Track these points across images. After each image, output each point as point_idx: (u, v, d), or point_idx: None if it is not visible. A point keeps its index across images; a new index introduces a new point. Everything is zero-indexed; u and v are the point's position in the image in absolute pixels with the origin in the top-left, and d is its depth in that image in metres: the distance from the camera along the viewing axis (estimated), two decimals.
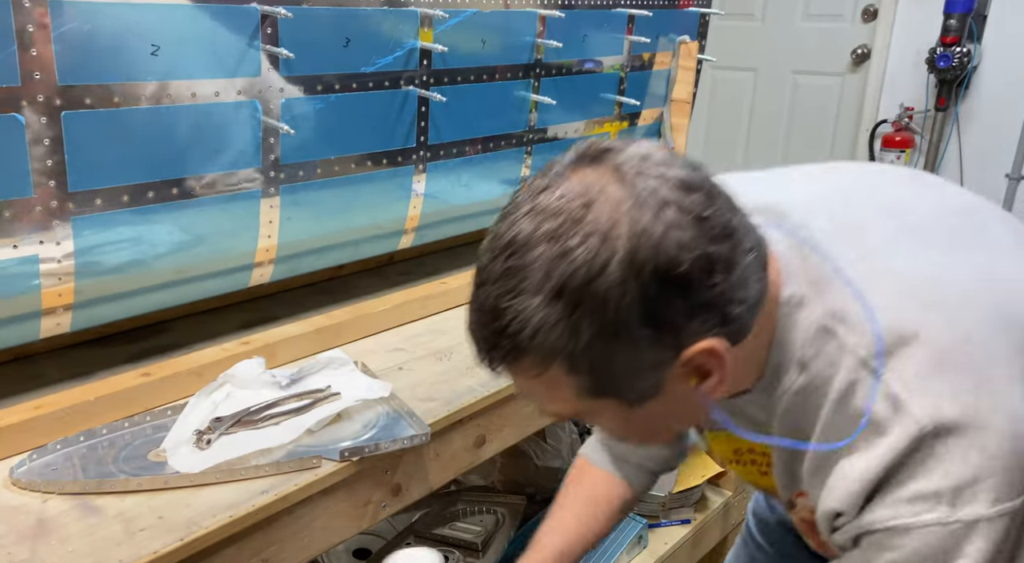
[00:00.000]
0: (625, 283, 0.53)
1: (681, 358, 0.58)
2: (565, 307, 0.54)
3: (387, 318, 1.34)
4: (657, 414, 0.64)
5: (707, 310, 0.56)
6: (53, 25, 0.89)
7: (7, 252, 0.93)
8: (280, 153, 1.15)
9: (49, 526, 0.84)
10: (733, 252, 0.56)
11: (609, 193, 0.55)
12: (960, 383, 0.59)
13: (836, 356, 0.62)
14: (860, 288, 0.63)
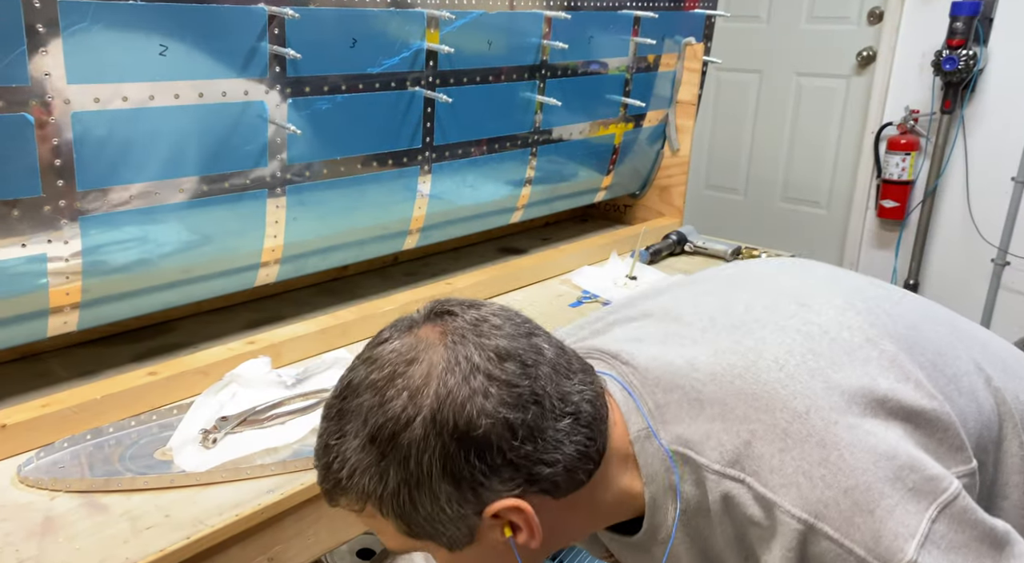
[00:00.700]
0: (427, 439, 0.58)
1: (485, 513, 0.61)
2: (376, 454, 0.59)
3: (392, 318, 1.34)
4: (481, 557, 0.66)
5: (509, 470, 0.60)
6: (63, 25, 0.90)
7: (15, 251, 0.93)
8: (286, 153, 1.16)
9: (56, 523, 0.84)
10: (540, 419, 0.60)
11: (430, 354, 0.60)
12: (811, 457, 0.61)
13: (698, 475, 0.65)
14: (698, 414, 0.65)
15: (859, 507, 0.59)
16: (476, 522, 0.62)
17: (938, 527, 0.59)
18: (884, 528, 0.58)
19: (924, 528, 0.58)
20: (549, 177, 1.64)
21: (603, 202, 1.98)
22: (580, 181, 1.75)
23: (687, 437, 0.65)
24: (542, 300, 1.51)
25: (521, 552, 0.65)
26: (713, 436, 0.64)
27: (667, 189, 1.94)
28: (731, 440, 0.63)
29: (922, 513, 0.59)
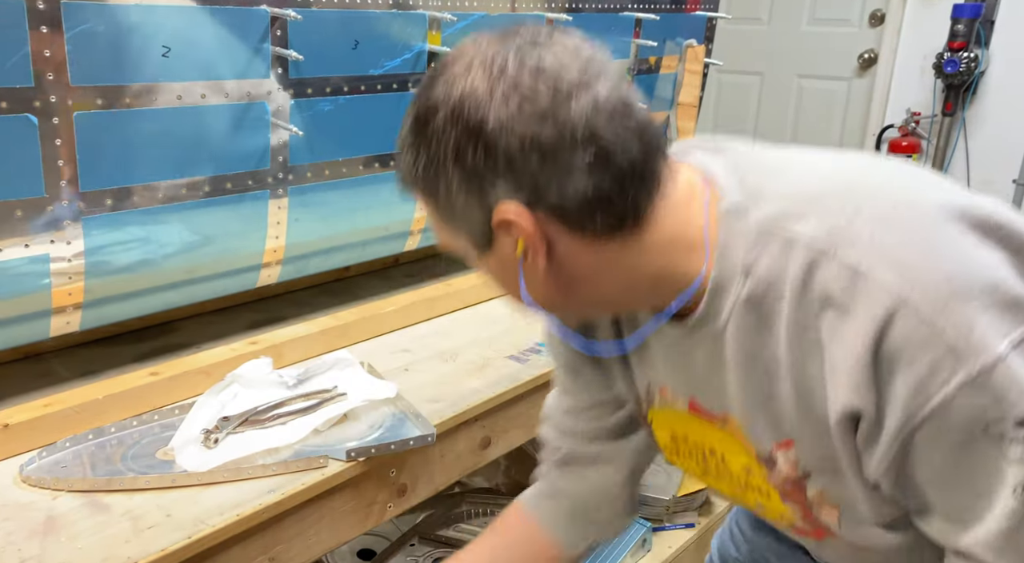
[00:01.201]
0: (445, 128, 0.61)
1: (494, 215, 0.63)
2: (414, 134, 0.64)
3: (393, 319, 1.35)
4: (501, 271, 0.68)
5: (513, 177, 0.62)
6: (66, 27, 0.90)
7: (18, 251, 0.94)
8: (288, 154, 1.16)
9: (58, 523, 0.84)
10: (555, 141, 0.61)
11: (483, 50, 0.63)
12: (915, 239, 0.60)
13: (783, 250, 0.63)
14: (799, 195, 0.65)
15: (957, 295, 0.57)
16: (488, 226, 0.64)
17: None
18: (978, 320, 0.56)
19: (1019, 334, 0.57)
20: None
21: None
22: None
23: (783, 212, 0.64)
24: None
25: (529, 274, 0.66)
26: (813, 213, 0.63)
27: None
28: (831, 218, 0.62)
29: (1019, 324, 0.57)
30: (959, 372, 0.56)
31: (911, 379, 0.58)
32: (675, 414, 0.79)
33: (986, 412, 0.57)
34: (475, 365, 1.23)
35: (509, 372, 1.21)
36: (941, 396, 0.57)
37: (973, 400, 0.57)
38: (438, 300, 1.42)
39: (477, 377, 1.19)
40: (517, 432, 1.22)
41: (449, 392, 1.14)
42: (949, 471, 0.61)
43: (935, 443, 0.59)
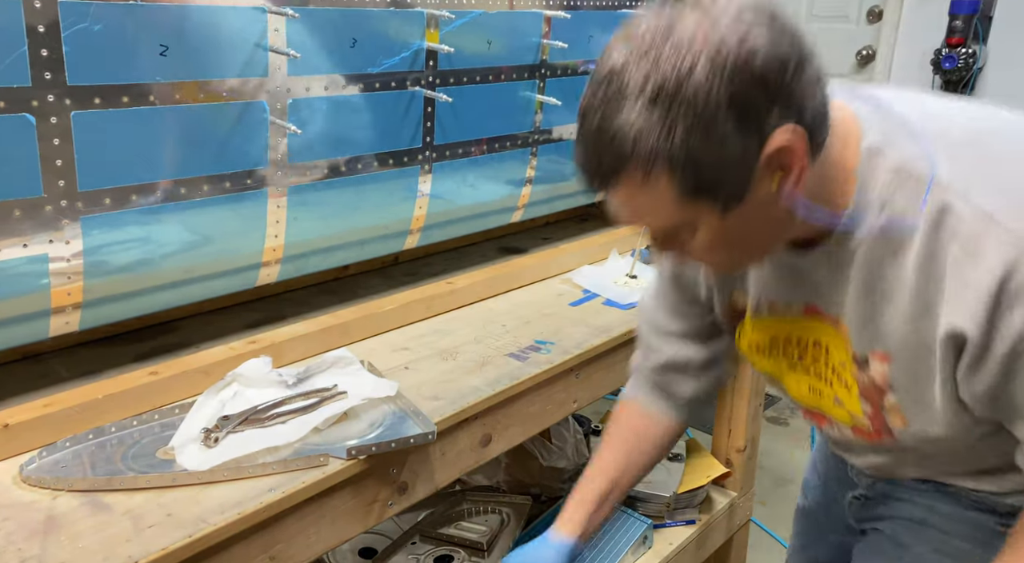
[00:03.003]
0: (710, 80, 0.61)
1: (765, 150, 0.64)
2: (660, 110, 0.62)
3: (393, 318, 1.35)
4: (745, 222, 0.69)
5: (784, 101, 0.64)
6: (63, 25, 0.90)
7: (17, 251, 0.94)
8: (287, 153, 1.16)
9: (59, 522, 0.84)
10: (802, 59, 0.64)
11: (688, 16, 0.64)
12: None
13: (918, 189, 0.69)
14: (938, 138, 0.70)
15: None
16: (755, 163, 0.65)
17: None
18: None
19: None
20: (549, 176, 1.64)
21: (603, 201, 1.98)
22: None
23: (923, 152, 0.69)
24: (543, 299, 1.51)
25: (790, 203, 0.69)
26: (949, 156, 0.69)
27: None
28: (967, 163, 0.68)
29: None
30: None
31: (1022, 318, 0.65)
32: (784, 321, 0.86)
33: None
34: (475, 363, 1.23)
35: (509, 370, 1.21)
36: None
37: None
38: (438, 298, 1.42)
39: (477, 375, 1.19)
40: (517, 429, 1.22)
41: (449, 390, 1.14)
42: None
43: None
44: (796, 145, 0.65)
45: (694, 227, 0.70)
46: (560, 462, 1.82)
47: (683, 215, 0.69)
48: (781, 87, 0.63)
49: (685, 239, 0.72)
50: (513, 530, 1.56)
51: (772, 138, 0.64)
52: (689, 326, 1.02)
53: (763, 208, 0.68)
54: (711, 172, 0.65)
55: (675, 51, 0.62)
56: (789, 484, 2.62)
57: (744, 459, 1.90)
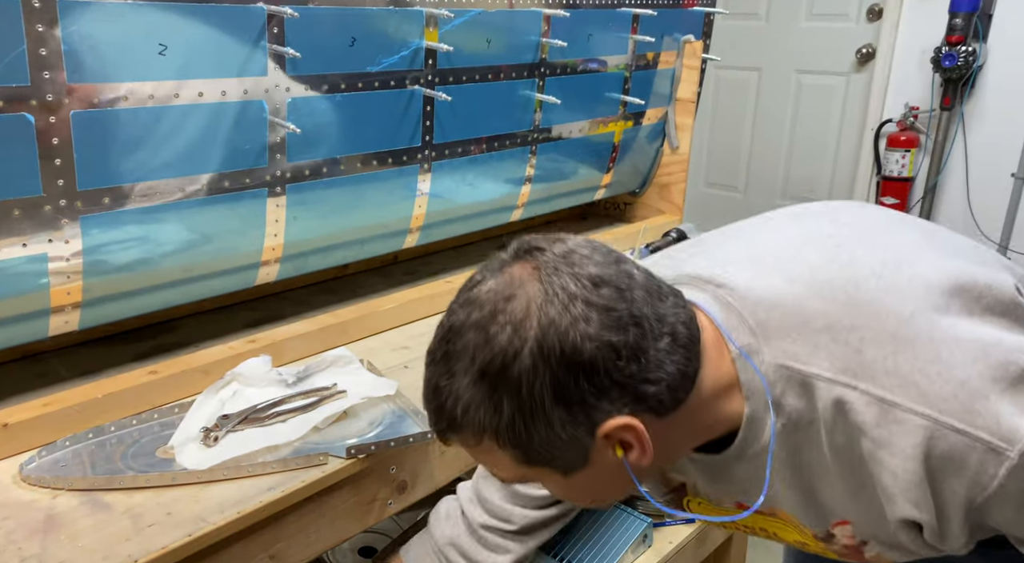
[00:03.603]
0: (536, 368, 0.60)
1: (597, 434, 0.63)
2: (487, 389, 0.62)
3: (392, 316, 1.35)
4: (591, 482, 0.69)
5: (617, 391, 0.62)
6: (62, 25, 0.90)
7: (16, 250, 0.94)
8: (286, 152, 1.16)
9: (59, 521, 0.84)
10: (641, 339, 0.62)
11: (527, 289, 0.62)
12: (924, 356, 0.64)
13: (804, 386, 0.67)
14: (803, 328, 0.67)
15: (977, 396, 0.62)
16: (589, 443, 0.64)
17: None
18: (1002, 411, 0.62)
19: None
20: (549, 175, 1.64)
21: (603, 200, 1.98)
22: (580, 179, 1.75)
23: (794, 351, 0.67)
24: None
25: (636, 469, 0.68)
26: (822, 347, 0.66)
27: (667, 187, 1.94)
28: (840, 349, 0.65)
29: None
30: (1004, 463, 0.62)
31: (964, 481, 0.64)
32: (721, 509, 0.83)
33: None
34: None
35: None
36: (996, 484, 0.63)
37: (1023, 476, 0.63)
38: (437, 297, 1.42)
39: None
40: None
41: None
42: (1021, 518, 0.67)
43: (1003, 510, 0.65)
44: (632, 427, 0.63)
45: (537, 479, 0.70)
46: None
47: (522, 473, 0.68)
48: (611, 377, 0.61)
49: (532, 482, 0.72)
50: None
51: (603, 425, 0.63)
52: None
53: (608, 469, 0.67)
54: (541, 451, 0.64)
55: (505, 329, 0.61)
56: None
57: None
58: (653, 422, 0.65)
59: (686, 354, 0.65)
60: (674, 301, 0.67)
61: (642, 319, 0.62)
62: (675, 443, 0.71)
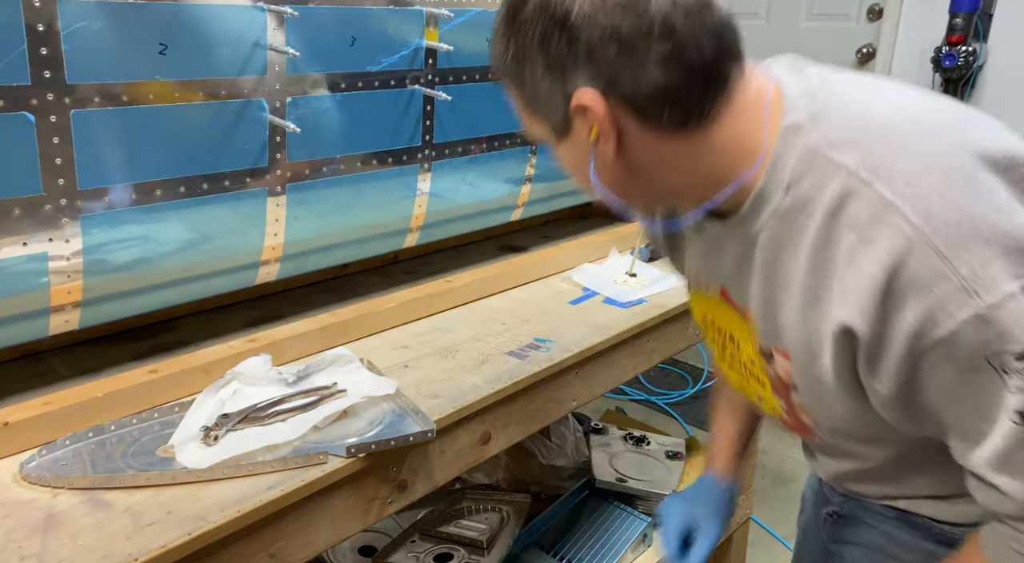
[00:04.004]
0: (534, 18, 0.67)
1: (572, 102, 0.68)
2: (503, 33, 0.71)
3: (393, 316, 1.35)
4: (571, 154, 0.75)
5: (592, 67, 0.67)
6: (62, 24, 0.90)
7: (17, 250, 0.94)
8: (286, 152, 1.16)
9: (59, 520, 0.84)
10: (634, 34, 0.65)
11: None
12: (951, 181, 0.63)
13: (826, 173, 0.67)
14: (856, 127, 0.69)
15: (979, 237, 0.61)
16: (565, 109, 0.69)
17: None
18: (995, 262, 0.61)
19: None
20: (549, 175, 1.64)
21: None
22: None
23: (837, 140, 0.68)
24: (543, 297, 1.51)
25: (600, 160, 0.72)
26: (863, 144, 0.67)
27: None
28: (880, 150, 0.66)
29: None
30: (968, 306, 0.61)
31: (921, 310, 0.63)
32: (708, 299, 0.88)
33: (990, 345, 0.62)
34: (474, 361, 1.23)
35: (508, 368, 1.21)
36: (951, 326, 0.62)
37: (979, 333, 0.62)
38: (438, 297, 1.42)
39: (476, 373, 1.19)
40: (517, 428, 1.22)
41: (449, 388, 1.14)
42: (956, 394, 0.66)
43: (941, 368, 0.65)
44: (596, 109, 0.67)
45: (541, 136, 0.76)
46: (560, 460, 1.82)
47: (535, 129, 0.76)
48: (593, 53, 0.66)
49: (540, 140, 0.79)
50: (513, 528, 1.56)
51: (575, 94, 0.68)
52: None
53: (582, 148, 0.72)
54: (535, 99, 0.71)
55: None
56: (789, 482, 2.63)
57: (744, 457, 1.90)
58: (634, 126, 0.69)
59: (687, 79, 0.66)
60: (715, 36, 0.67)
61: (644, 18, 0.65)
62: (665, 169, 0.72)
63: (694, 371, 3.36)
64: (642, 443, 1.91)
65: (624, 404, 3.11)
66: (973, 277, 0.61)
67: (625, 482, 1.74)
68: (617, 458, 1.84)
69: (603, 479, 1.75)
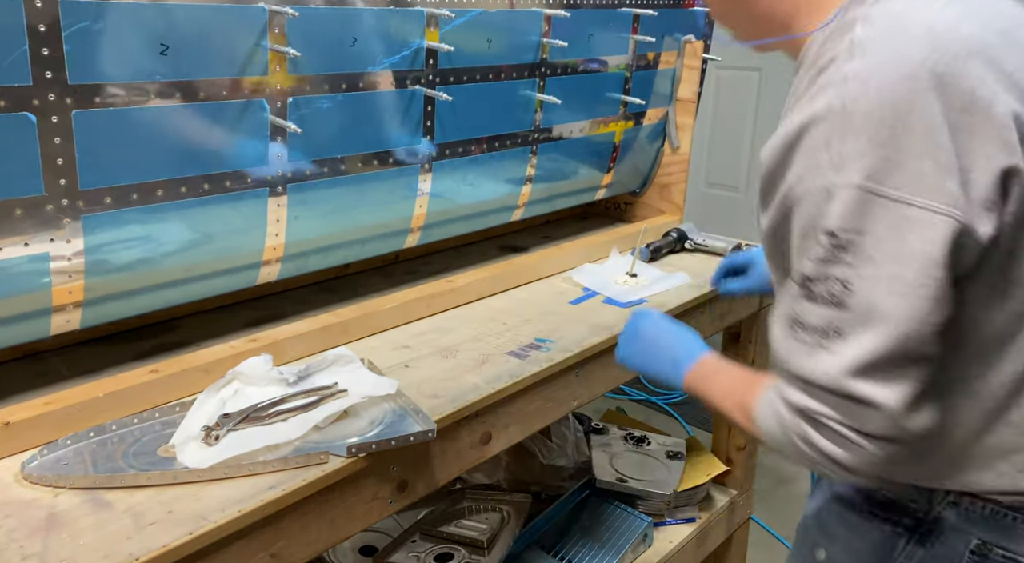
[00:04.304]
0: None
1: None
2: None
3: (393, 316, 1.35)
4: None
5: None
6: (64, 24, 0.90)
7: (18, 250, 0.94)
8: (287, 152, 1.16)
9: (60, 520, 0.85)
10: None
11: None
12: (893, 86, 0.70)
13: (840, 42, 0.75)
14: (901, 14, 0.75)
15: (876, 136, 0.70)
16: None
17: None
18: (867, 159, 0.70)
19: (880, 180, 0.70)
20: (550, 175, 1.64)
21: (603, 200, 1.98)
22: (580, 179, 1.75)
23: (871, 16, 0.75)
24: (544, 297, 1.51)
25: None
26: (880, 29, 0.74)
27: (667, 187, 1.94)
28: (875, 39, 0.73)
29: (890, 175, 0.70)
30: (826, 177, 0.72)
31: (800, 167, 0.74)
32: None
33: (819, 216, 0.73)
34: (475, 361, 1.23)
35: (509, 368, 1.21)
36: (808, 186, 0.74)
37: (818, 203, 0.73)
38: (438, 297, 1.42)
39: (477, 373, 1.19)
40: (517, 428, 1.22)
41: (449, 388, 1.14)
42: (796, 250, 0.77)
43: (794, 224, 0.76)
44: None
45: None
46: (560, 460, 1.83)
47: None
48: None
49: None
50: (513, 528, 1.56)
51: None
52: None
53: None
54: None
55: None
56: (790, 482, 2.63)
57: (744, 457, 1.90)
58: None
59: None
60: None
61: None
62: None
63: None
64: (642, 443, 1.91)
65: (624, 404, 3.11)
66: (842, 159, 0.71)
67: (625, 482, 1.75)
68: (617, 458, 1.85)
69: (603, 479, 1.75)
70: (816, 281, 0.74)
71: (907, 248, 0.70)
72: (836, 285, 0.73)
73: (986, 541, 0.81)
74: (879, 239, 0.71)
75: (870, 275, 0.71)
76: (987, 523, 0.81)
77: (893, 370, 0.72)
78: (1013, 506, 0.81)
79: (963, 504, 0.82)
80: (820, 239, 0.73)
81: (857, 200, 0.71)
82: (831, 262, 0.73)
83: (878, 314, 0.71)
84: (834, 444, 0.75)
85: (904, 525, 0.86)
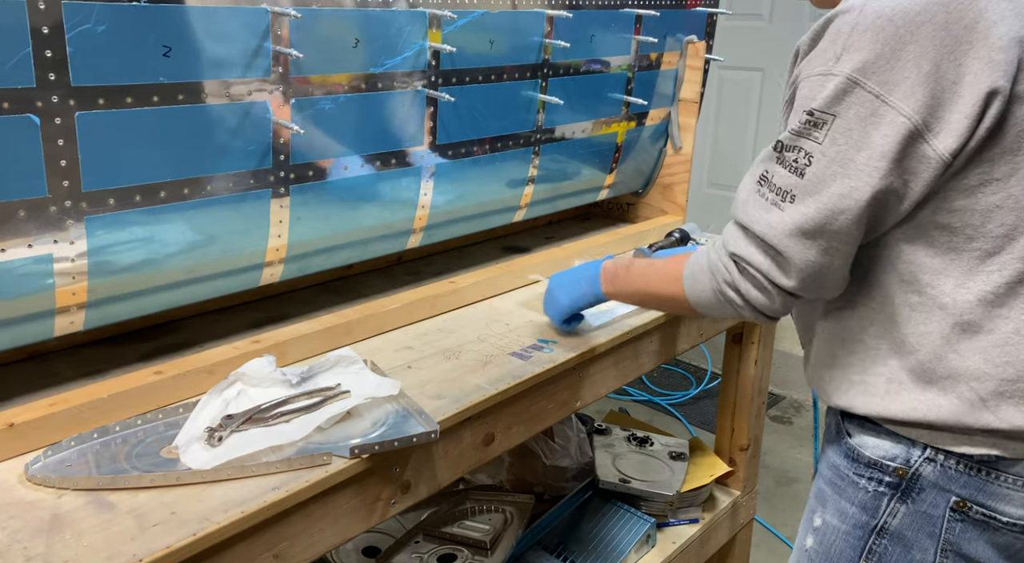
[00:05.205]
0: None
1: None
2: None
3: (396, 317, 1.35)
4: None
5: None
6: (67, 27, 0.90)
7: (22, 251, 0.94)
8: (290, 153, 1.16)
9: (64, 521, 0.85)
10: None
11: None
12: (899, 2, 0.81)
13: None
14: None
15: (875, 42, 0.81)
16: None
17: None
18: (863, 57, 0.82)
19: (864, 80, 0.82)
20: (552, 176, 1.64)
21: (606, 200, 1.98)
22: (583, 180, 1.75)
23: None
24: None
25: None
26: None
27: (670, 187, 1.94)
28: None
29: (881, 82, 0.81)
30: (826, 65, 0.84)
31: (814, 54, 0.87)
32: None
33: (810, 98, 0.86)
34: (478, 362, 1.23)
35: (512, 368, 1.21)
36: (811, 70, 0.86)
37: (813, 87, 0.85)
38: (441, 297, 1.42)
39: (480, 374, 1.19)
40: (520, 428, 1.22)
41: (452, 389, 1.15)
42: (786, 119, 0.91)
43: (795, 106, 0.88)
44: None
45: None
46: (563, 461, 1.82)
47: None
48: None
49: None
50: (516, 529, 1.56)
51: None
52: None
53: None
54: None
55: None
56: (792, 483, 2.62)
57: (747, 458, 1.90)
58: None
59: None
60: None
61: None
62: None
63: (697, 372, 3.35)
64: (645, 444, 1.91)
65: (627, 405, 3.11)
66: (846, 51, 0.82)
67: (628, 483, 1.74)
68: (620, 459, 1.85)
69: (606, 480, 1.75)
70: (788, 149, 0.88)
71: (867, 138, 0.82)
72: (802, 156, 0.86)
73: (964, 498, 0.88)
74: (848, 125, 0.83)
75: (829, 154, 0.84)
76: (964, 481, 0.88)
77: (817, 238, 0.86)
78: (984, 460, 0.87)
79: (938, 460, 0.89)
80: (801, 116, 0.86)
81: (842, 87, 0.83)
82: (803, 136, 0.86)
83: (824, 187, 0.85)
84: (754, 287, 0.92)
85: (887, 484, 0.92)
